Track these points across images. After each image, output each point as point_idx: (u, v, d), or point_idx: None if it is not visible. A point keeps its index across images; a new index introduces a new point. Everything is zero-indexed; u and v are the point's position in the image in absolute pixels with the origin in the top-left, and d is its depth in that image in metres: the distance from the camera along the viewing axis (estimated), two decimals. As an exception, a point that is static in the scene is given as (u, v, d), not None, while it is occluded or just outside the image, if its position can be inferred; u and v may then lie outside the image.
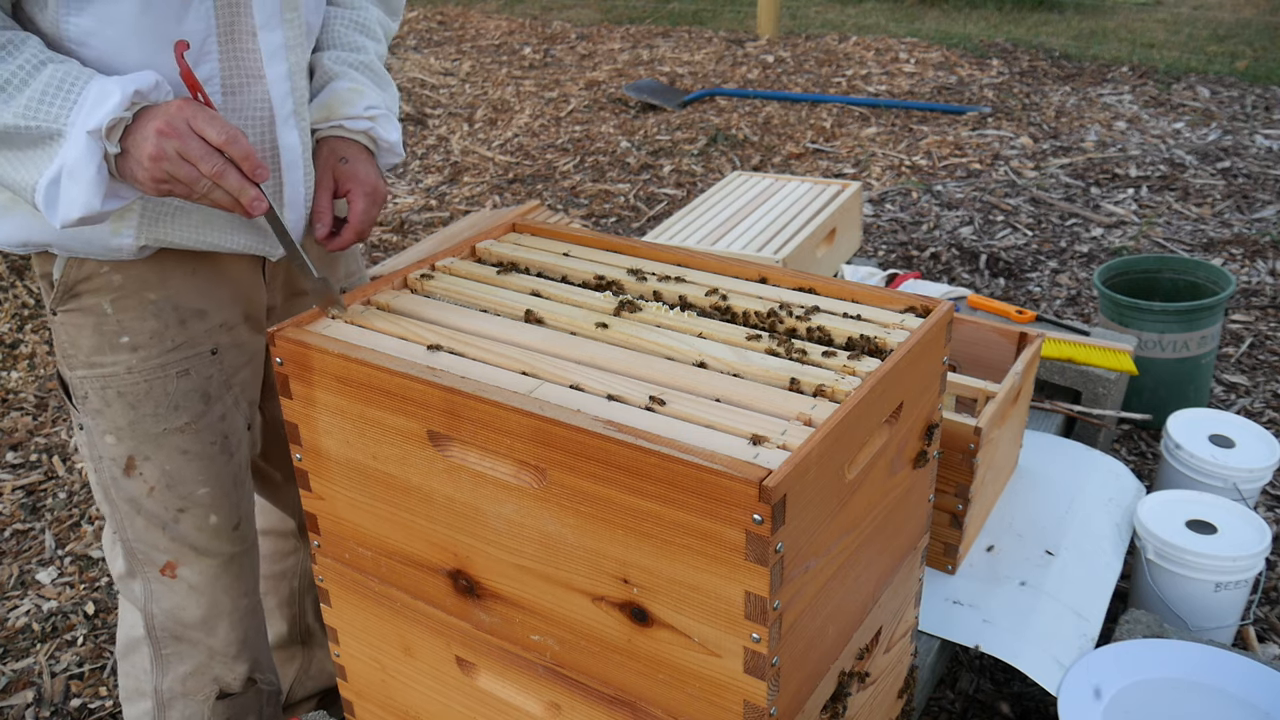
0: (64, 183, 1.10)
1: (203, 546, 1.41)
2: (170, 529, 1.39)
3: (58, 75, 1.10)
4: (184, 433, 1.35)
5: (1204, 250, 3.56)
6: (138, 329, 1.30)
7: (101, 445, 1.35)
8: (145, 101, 1.12)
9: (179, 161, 1.10)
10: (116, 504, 1.38)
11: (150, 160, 1.10)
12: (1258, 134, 4.52)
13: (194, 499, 1.38)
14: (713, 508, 0.89)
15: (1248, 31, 6.17)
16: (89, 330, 1.30)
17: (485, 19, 7.36)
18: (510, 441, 0.99)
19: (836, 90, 5.40)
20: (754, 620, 0.91)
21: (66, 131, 1.09)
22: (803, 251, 2.31)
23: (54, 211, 1.12)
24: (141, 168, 1.11)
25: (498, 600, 1.10)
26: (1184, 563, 1.78)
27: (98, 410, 1.33)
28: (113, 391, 1.32)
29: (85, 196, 1.11)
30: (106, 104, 1.09)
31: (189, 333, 1.33)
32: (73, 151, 1.09)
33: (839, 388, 1.03)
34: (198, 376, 1.35)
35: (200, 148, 1.10)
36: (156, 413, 1.33)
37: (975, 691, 1.98)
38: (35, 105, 1.09)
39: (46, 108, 1.10)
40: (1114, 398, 2.26)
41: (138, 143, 1.11)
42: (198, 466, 1.37)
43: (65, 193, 1.11)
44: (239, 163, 1.13)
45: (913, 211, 4.01)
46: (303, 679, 1.74)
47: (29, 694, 2.10)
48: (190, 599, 1.43)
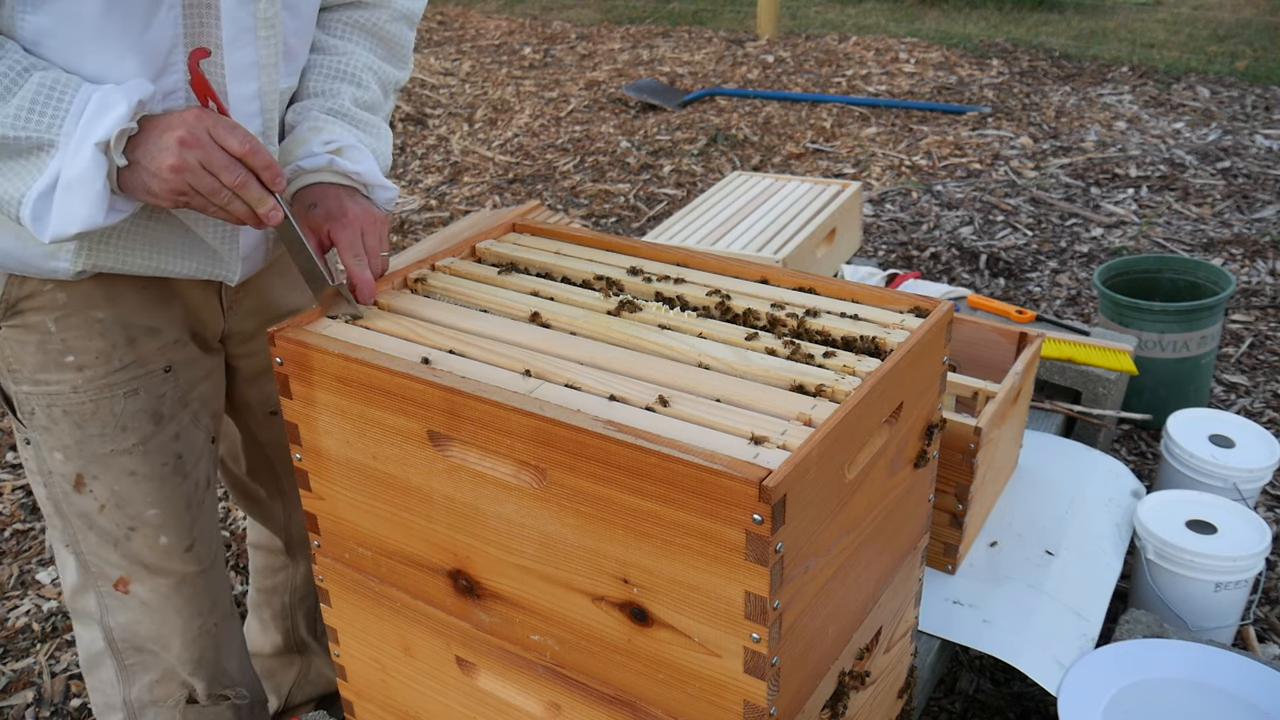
0: (60, 196, 1.06)
1: (154, 565, 1.38)
2: (122, 546, 1.36)
3: (47, 82, 1.05)
4: (131, 454, 1.32)
5: (1204, 250, 3.56)
6: (83, 348, 1.26)
7: (51, 461, 1.32)
8: (144, 112, 1.08)
9: (200, 173, 1.06)
10: (69, 518, 1.35)
11: (171, 171, 1.06)
12: (1258, 134, 4.52)
13: (143, 519, 1.35)
14: (713, 508, 0.89)
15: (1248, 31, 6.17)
16: (33, 348, 1.26)
17: (485, 19, 7.36)
18: (510, 441, 0.99)
19: (836, 90, 5.40)
20: (754, 620, 0.91)
21: (59, 142, 1.05)
22: (803, 251, 2.31)
23: (43, 226, 1.07)
24: (159, 179, 1.06)
25: (498, 600, 1.10)
26: (1184, 563, 1.78)
27: (45, 427, 1.30)
28: (59, 410, 1.28)
29: (88, 211, 1.06)
30: (111, 114, 1.05)
31: (139, 351, 1.29)
32: (75, 164, 1.05)
33: (839, 388, 1.03)
34: (148, 396, 1.31)
35: (222, 158, 1.07)
36: (103, 433, 1.30)
37: (975, 691, 1.98)
38: (25, 114, 1.04)
39: (37, 117, 1.05)
40: (1114, 398, 2.26)
41: (153, 154, 1.06)
42: (146, 488, 1.34)
43: (61, 206, 1.06)
44: (259, 173, 1.09)
45: (913, 211, 4.01)
46: (301, 684, 1.74)
47: (29, 694, 2.10)
48: (144, 614, 1.40)
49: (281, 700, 1.73)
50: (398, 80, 1.42)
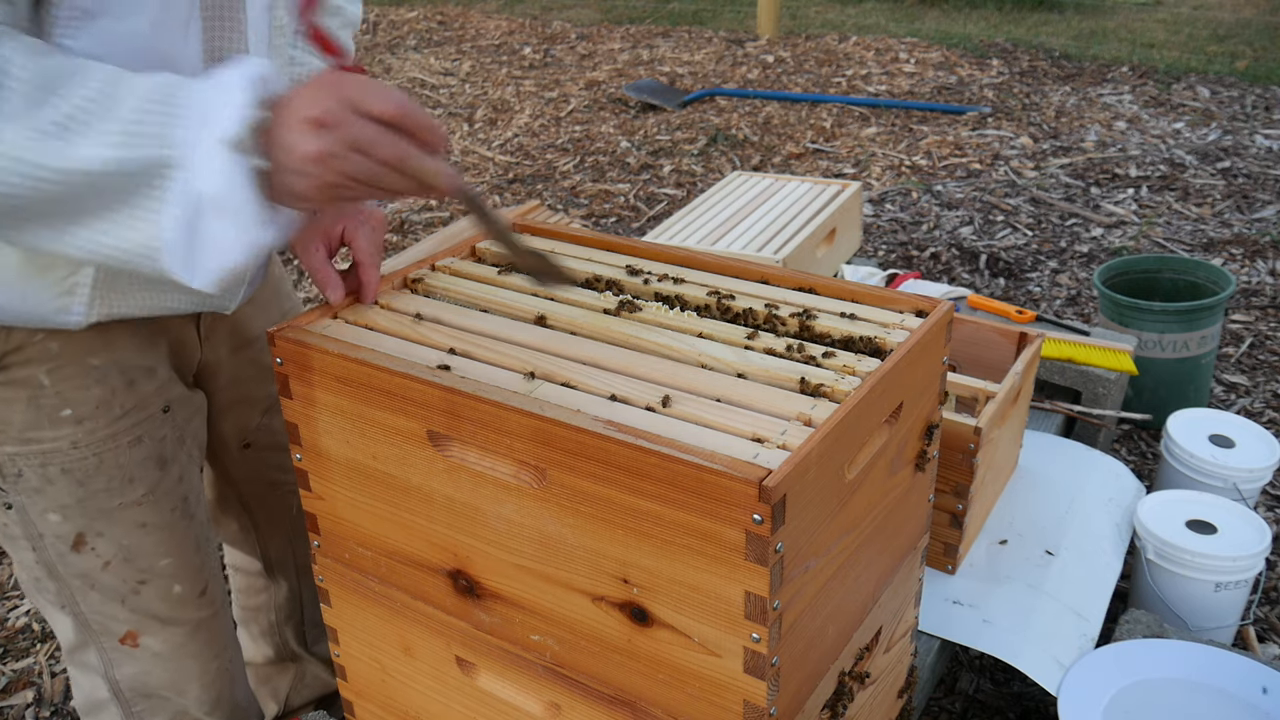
0: (207, 226, 0.84)
1: (167, 616, 1.30)
2: (130, 601, 1.27)
3: (147, 85, 0.85)
4: (141, 505, 1.22)
5: (1204, 250, 3.56)
6: (81, 399, 1.15)
7: (42, 523, 1.20)
8: (271, 93, 0.88)
9: (350, 156, 0.86)
10: (65, 580, 1.24)
11: (314, 162, 0.86)
12: (1258, 134, 4.52)
13: (155, 570, 1.26)
14: (713, 508, 0.89)
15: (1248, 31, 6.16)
16: (22, 405, 1.13)
17: (485, 19, 7.36)
18: (510, 441, 0.99)
19: (836, 90, 5.40)
20: (754, 620, 0.91)
21: (175, 157, 0.84)
22: (803, 251, 2.31)
23: (196, 270, 0.86)
24: (303, 175, 0.87)
25: (498, 600, 1.10)
26: (1184, 563, 1.78)
27: (36, 489, 1.17)
28: (55, 469, 1.16)
29: (244, 232, 0.85)
30: (229, 100, 0.85)
31: (139, 395, 1.19)
32: (206, 177, 0.84)
33: (839, 388, 1.03)
34: (151, 441, 1.22)
35: (372, 131, 0.87)
36: (109, 487, 1.19)
37: (975, 691, 1.97)
38: (132, 127, 0.83)
39: (146, 127, 0.83)
40: (1114, 398, 2.26)
41: (287, 146, 0.86)
42: (158, 538, 1.25)
43: (210, 238, 0.85)
44: (417, 134, 0.90)
45: (913, 211, 4.01)
46: (299, 688, 1.74)
47: (29, 694, 2.10)
48: (156, 664, 1.32)
49: (280, 704, 1.72)
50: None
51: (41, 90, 0.82)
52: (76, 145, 0.82)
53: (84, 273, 1.06)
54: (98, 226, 0.86)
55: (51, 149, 0.81)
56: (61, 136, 0.82)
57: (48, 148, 0.81)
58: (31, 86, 0.82)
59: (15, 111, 0.81)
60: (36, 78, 0.82)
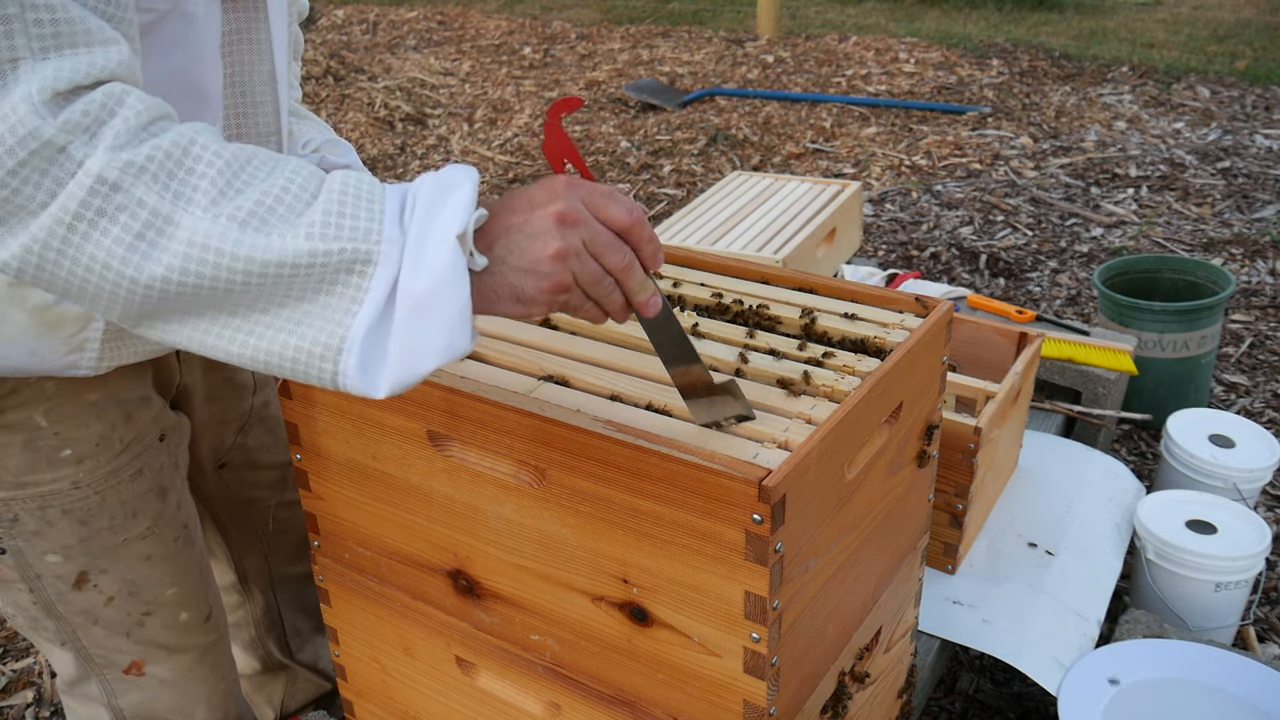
0: (403, 325, 0.79)
1: (173, 644, 1.29)
2: (135, 633, 1.25)
3: (350, 181, 0.81)
4: (146, 539, 1.21)
5: (1204, 250, 3.56)
6: (81, 438, 1.13)
7: (40, 565, 1.17)
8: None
9: (585, 258, 0.83)
10: (66, 618, 1.22)
11: (554, 260, 0.81)
12: (1258, 134, 4.52)
13: (161, 601, 1.25)
14: (712, 507, 0.89)
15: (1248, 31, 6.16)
16: (17, 448, 1.11)
17: (485, 19, 7.36)
18: (510, 441, 0.99)
19: (836, 90, 5.40)
20: (754, 620, 0.91)
21: (378, 254, 0.78)
22: (803, 251, 2.31)
23: (375, 375, 0.80)
24: (535, 276, 0.82)
25: (498, 600, 1.10)
26: (1184, 563, 1.78)
27: (35, 532, 1.15)
28: (55, 510, 1.14)
29: (449, 337, 0.80)
30: (456, 197, 0.80)
31: (137, 426, 1.18)
32: (426, 272, 0.78)
33: (839, 388, 1.03)
34: (151, 472, 1.20)
35: (606, 236, 0.83)
36: (113, 525, 1.18)
37: (975, 691, 1.97)
38: (335, 219, 0.78)
39: (351, 221, 0.78)
40: (1114, 398, 2.26)
41: (523, 244, 0.81)
42: (163, 569, 1.24)
43: (407, 339, 0.79)
44: (642, 249, 0.87)
45: (913, 211, 4.01)
46: (292, 692, 1.73)
47: (29, 694, 2.10)
48: (162, 691, 1.31)
49: (277, 710, 1.72)
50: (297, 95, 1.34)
51: (232, 177, 0.79)
52: (271, 236, 0.78)
53: (93, 328, 1.05)
54: (278, 325, 0.80)
55: (245, 239, 0.77)
56: (256, 227, 0.78)
57: (243, 238, 0.77)
58: (221, 173, 0.79)
59: (206, 199, 0.78)
60: (228, 165, 0.79)
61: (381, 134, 5.11)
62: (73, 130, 0.76)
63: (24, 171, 0.75)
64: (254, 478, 1.48)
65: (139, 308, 0.80)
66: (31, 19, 0.76)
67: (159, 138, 0.78)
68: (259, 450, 1.46)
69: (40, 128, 0.75)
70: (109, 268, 0.78)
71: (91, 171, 0.76)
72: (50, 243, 0.77)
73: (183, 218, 0.77)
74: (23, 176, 0.76)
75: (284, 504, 1.53)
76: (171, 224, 0.77)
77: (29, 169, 0.76)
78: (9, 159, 0.75)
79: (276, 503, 1.52)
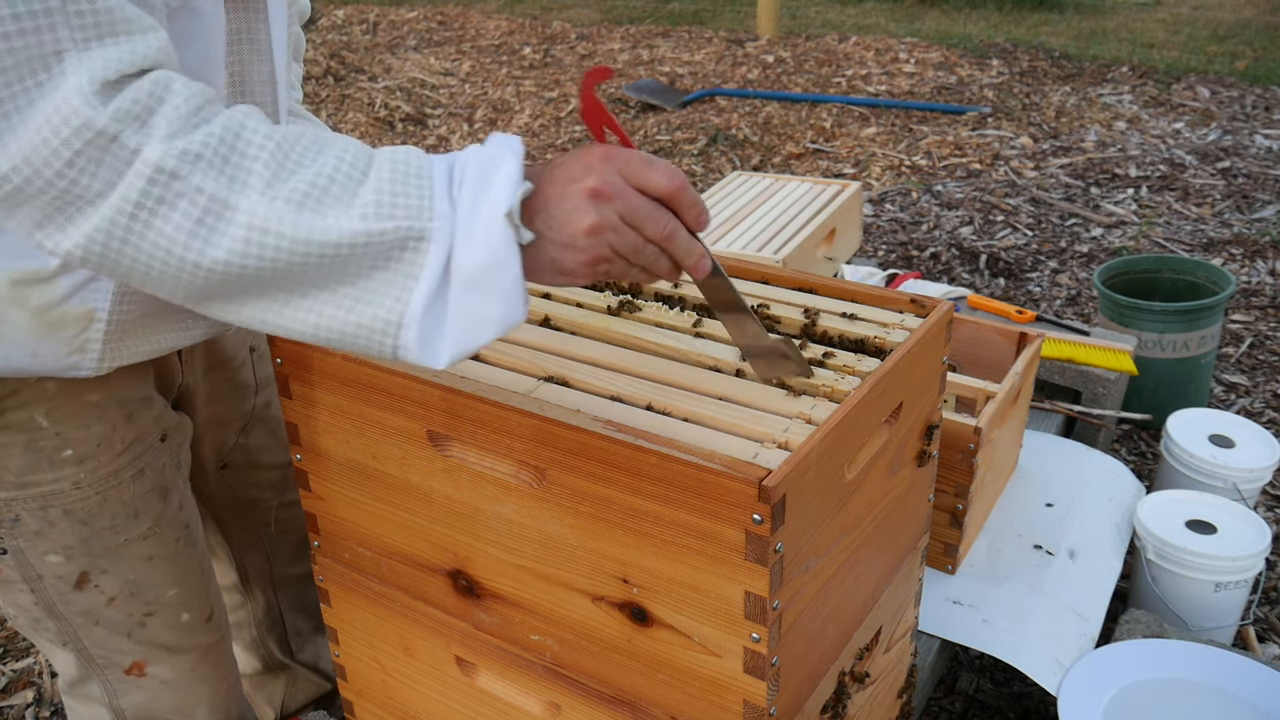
0: (459, 300, 0.82)
1: (175, 645, 1.29)
2: (136, 633, 1.25)
3: (398, 157, 0.83)
4: (147, 539, 1.21)
5: (1204, 250, 3.56)
6: (82, 438, 1.13)
7: (42, 565, 1.17)
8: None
9: (624, 230, 0.85)
10: (67, 618, 1.22)
11: (589, 234, 0.83)
12: (1258, 134, 4.52)
13: (162, 601, 1.25)
14: (712, 508, 0.89)
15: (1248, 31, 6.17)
16: (19, 449, 1.11)
17: (485, 19, 7.36)
18: (510, 441, 0.99)
19: (836, 90, 5.40)
20: (754, 620, 0.91)
21: (431, 230, 0.81)
22: (803, 251, 2.31)
23: (437, 347, 0.83)
24: (573, 250, 0.84)
25: (498, 600, 1.10)
26: (1184, 563, 1.78)
27: (36, 532, 1.15)
28: (57, 511, 1.14)
29: (504, 308, 0.83)
30: (502, 173, 0.82)
31: (138, 427, 1.18)
32: (479, 248, 0.81)
33: (839, 387, 1.03)
34: (153, 472, 1.20)
35: (646, 206, 0.85)
36: (114, 525, 1.18)
37: (975, 691, 1.97)
38: (387, 198, 0.81)
39: (404, 199, 0.81)
40: (1114, 398, 2.26)
41: (559, 218, 0.84)
42: (165, 569, 1.24)
43: (463, 313, 0.82)
44: (685, 212, 0.88)
45: (913, 211, 4.01)
46: (293, 692, 1.73)
47: (29, 694, 2.10)
48: (163, 692, 1.30)
49: (277, 710, 1.72)
50: (297, 96, 1.36)
51: (284, 159, 0.81)
52: (327, 217, 0.80)
53: (95, 328, 1.05)
54: (338, 303, 0.83)
55: (303, 221, 0.80)
56: (312, 208, 0.80)
57: (300, 220, 0.80)
58: (274, 156, 0.81)
59: (261, 183, 0.80)
60: (279, 147, 0.81)
61: (381, 134, 5.11)
62: (124, 119, 0.78)
63: (80, 162, 0.78)
64: (255, 478, 1.48)
65: (201, 289, 0.83)
66: (73, 10, 0.78)
67: (211, 124, 0.80)
68: (261, 451, 1.47)
69: (93, 118, 0.77)
70: (171, 253, 0.80)
71: (150, 161, 0.78)
72: (114, 231, 0.80)
73: (240, 201, 0.80)
74: (79, 167, 0.78)
75: (285, 504, 1.53)
76: (230, 208, 0.80)
77: (85, 159, 0.78)
78: (65, 150, 0.77)
79: (278, 503, 1.52)
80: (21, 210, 0.80)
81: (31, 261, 1.00)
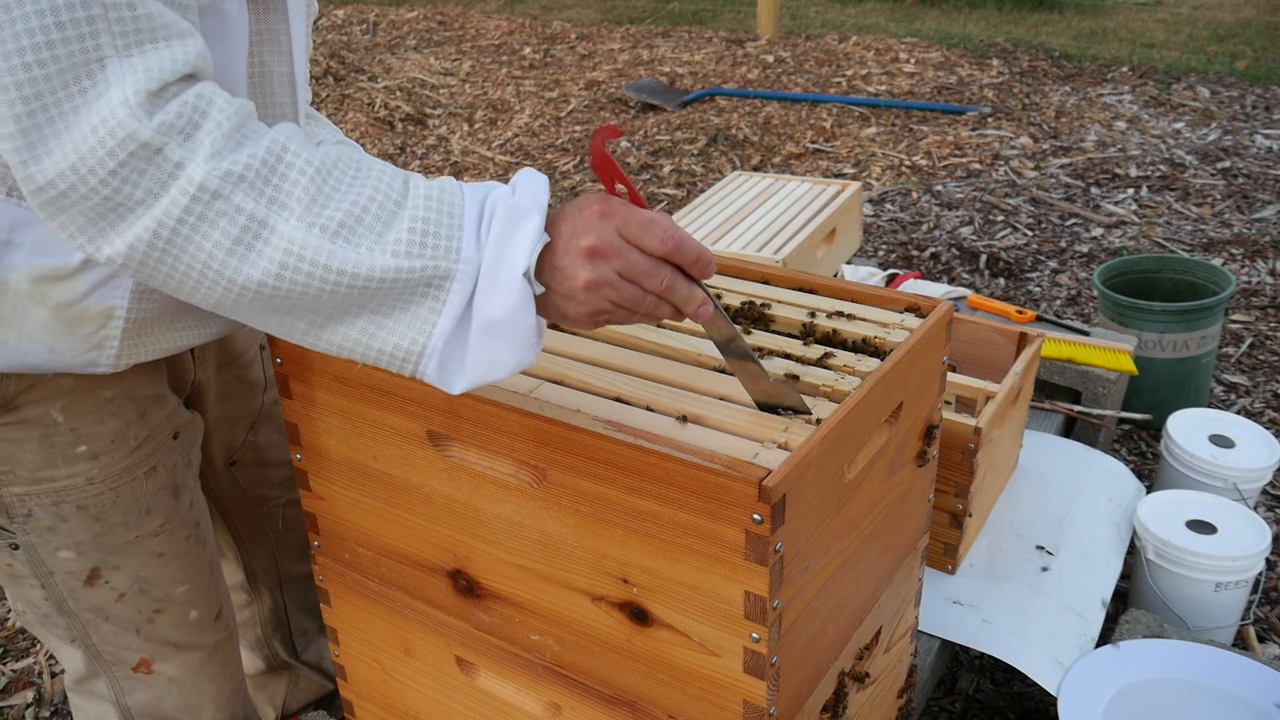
0: (479, 341, 0.88)
1: (183, 642, 1.29)
2: (145, 630, 1.25)
3: (432, 193, 0.88)
4: (158, 536, 1.22)
5: (1204, 250, 3.56)
6: (96, 434, 1.14)
7: (53, 561, 1.18)
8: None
9: (621, 285, 0.89)
10: (76, 614, 1.23)
11: (586, 290, 0.88)
12: (1258, 134, 4.52)
13: (172, 599, 1.26)
14: (712, 507, 0.89)
15: (1248, 31, 6.16)
16: (34, 444, 1.11)
17: (485, 19, 7.36)
18: (510, 441, 0.99)
19: (836, 90, 5.40)
20: (754, 620, 0.91)
21: (455, 271, 0.86)
22: (803, 251, 2.31)
23: (454, 376, 0.89)
24: (574, 302, 0.89)
25: (497, 600, 1.10)
26: (1184, 563, 1.78)
27: (49, 528, 1.16)
28: (70, 506, 1.15)
29: (518, 354, 0.89)
30: (525, 229, 0.87)
31: (151, 424, 1.19)
32: (502, 301, 0.86)
33: (839, 387, 1.03)
34: (165, 470, 1.21)
35: (643, 262, 0.89)
36: (126, 521, 1.19)
37: (975, 691, 1.97)
38: (419, 236, 0.85)
39: (433, 240, 0.86)
40: (1114, 398, 2.26)
41: (563, 273, 0.89)
42: (175, 566, 1.25)
43: (482, 353, 0.88)
44: (688, 268, 0.92)
45: (913, 211, 4.01)
46: (294, 692, 1.74)
47: (29, 694, 2.10)
48: (170, 690, 1.31)
49: (278, 710, 1.72)
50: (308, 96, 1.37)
51: (323, 183, 0.85)
52: (360, 249, 0.85)
53: (113, 326, 1.06)
54: (363, 327, 0.89)
55: (337, 251, 0.84)
56: (345, 238, 0.84)
57: (334, 250, 0.84)
58: (313, 181, 0.85)
59: (300, 208, 0.84)
60: (319, 172, 0.85)
61: (381, 134, 5.11)
62: (168, 132, 0.81)
63: (124, 172, 0.81)
64: (264, 476, 1.49)
65: (234, 304, 0.87)
66: (114, 17, 0.80)
67: (254, 145, 0.84)
68: (269, 448, 1.47)
69: (138, 130, 0.80)
70: (209, 268, 0.85)
71: (194, 180, 0.82)
72: (155, 244, 0.84)
73: (278, 224, 0.84)
74: (123, 176, 0.81)
75: (292, 502, 1.53)
76: (267, 228, 0.84)
77: (128, 169, 0.81)
78: (110, 160, 0.80)
79: (285, 501, 1.52)
80: (65, 215, 0.83)
81: (51, 259, 1.01)
